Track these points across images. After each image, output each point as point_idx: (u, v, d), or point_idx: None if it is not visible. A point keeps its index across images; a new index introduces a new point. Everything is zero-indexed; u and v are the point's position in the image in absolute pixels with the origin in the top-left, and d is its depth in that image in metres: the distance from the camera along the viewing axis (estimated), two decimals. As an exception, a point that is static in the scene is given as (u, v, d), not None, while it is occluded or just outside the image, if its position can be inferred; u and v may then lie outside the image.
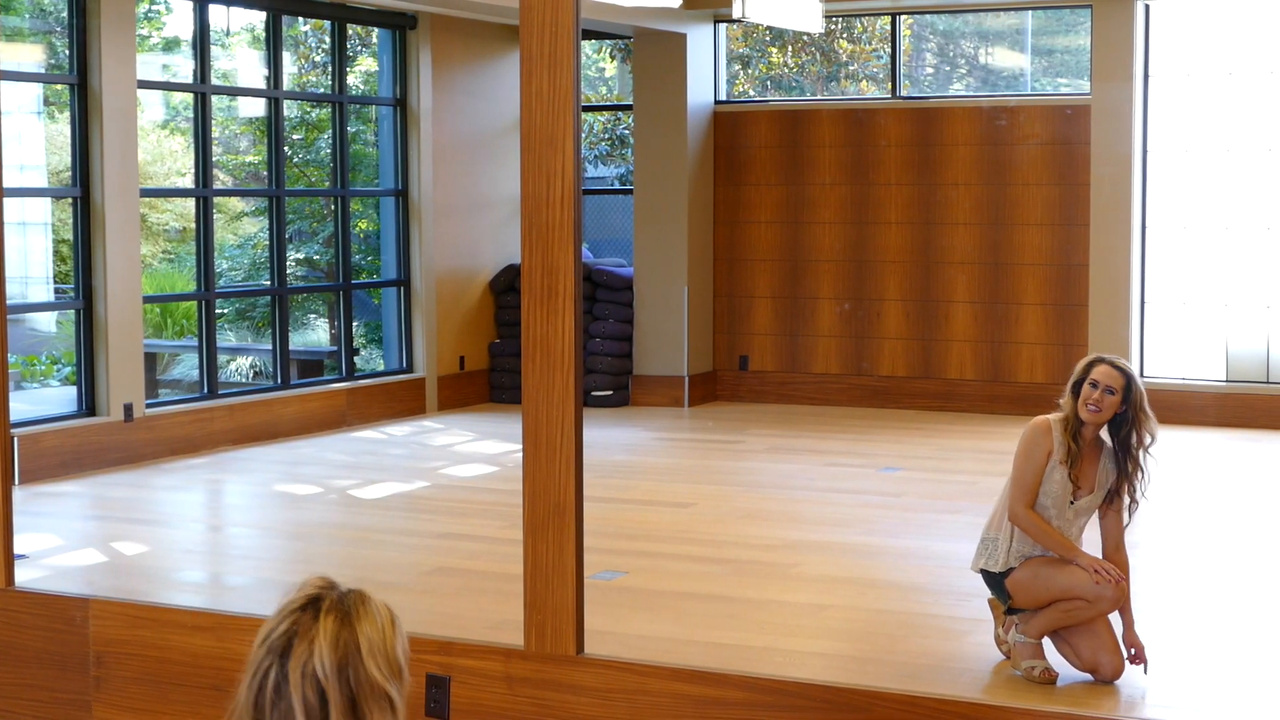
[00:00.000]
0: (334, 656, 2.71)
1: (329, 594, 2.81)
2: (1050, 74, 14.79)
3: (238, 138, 15.56)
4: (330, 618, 2.76)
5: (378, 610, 2.81)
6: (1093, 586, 5.94)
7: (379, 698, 2.71)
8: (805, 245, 14.29)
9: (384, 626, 2.79)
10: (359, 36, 14.59)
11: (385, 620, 2.80)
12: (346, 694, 2.69)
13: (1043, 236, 13.55)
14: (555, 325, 5.24)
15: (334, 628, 2.75)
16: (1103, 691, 5.96)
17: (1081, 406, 6.03)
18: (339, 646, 2.72)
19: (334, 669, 2.70)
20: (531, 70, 5.23)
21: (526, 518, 5.33)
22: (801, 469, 11.20)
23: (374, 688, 2.71)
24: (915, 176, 13.93)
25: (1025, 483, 6.05)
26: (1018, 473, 6.07)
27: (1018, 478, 6.06)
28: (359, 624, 2.76)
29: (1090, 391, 6.02)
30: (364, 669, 2.71)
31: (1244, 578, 8.01)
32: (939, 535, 8.87)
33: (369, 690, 2.71)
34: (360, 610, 2.79)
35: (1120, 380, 6.01)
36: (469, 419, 13.56)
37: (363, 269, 14.61)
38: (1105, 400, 6.00)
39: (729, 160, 14.55)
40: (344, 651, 2.72)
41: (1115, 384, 6.01)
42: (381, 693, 2.72)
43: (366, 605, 2.81)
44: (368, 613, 2.79)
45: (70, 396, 11.56)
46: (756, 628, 6.95)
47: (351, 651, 2.72)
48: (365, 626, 2.76)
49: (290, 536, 9.18)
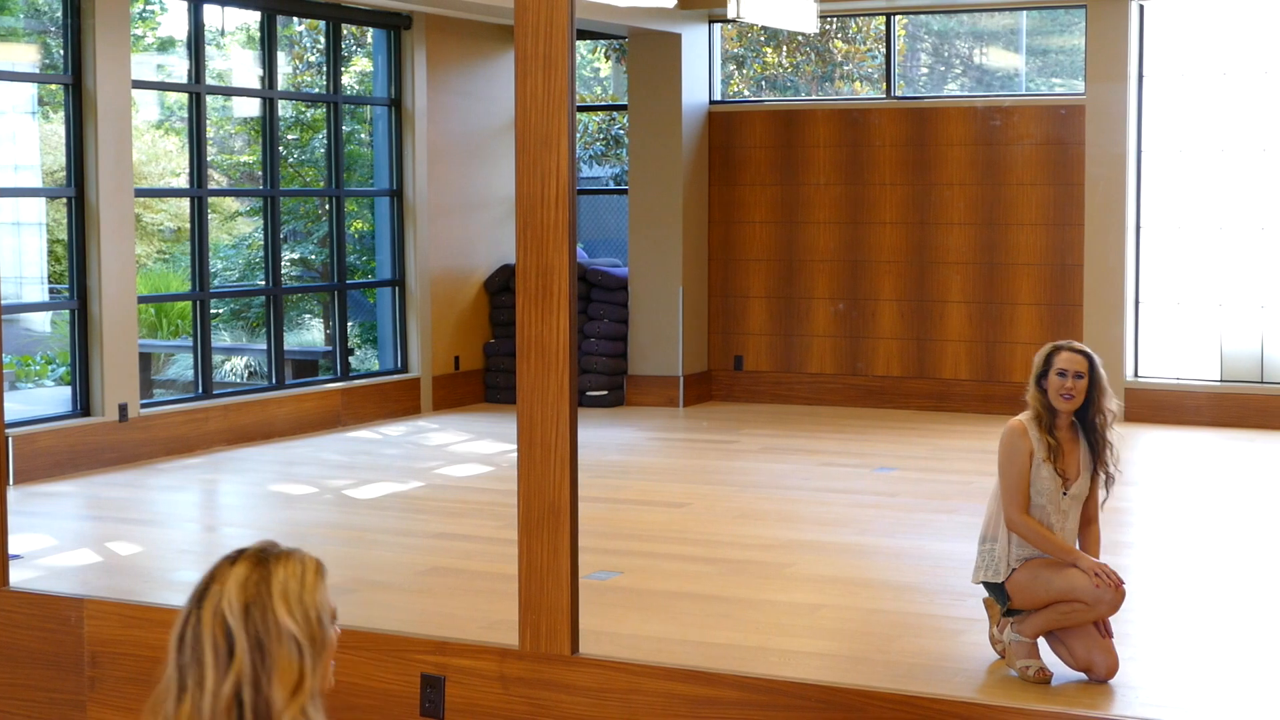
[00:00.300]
0: (242, 597, 2.70)
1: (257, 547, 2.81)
2: (1045, 74, 14.80)
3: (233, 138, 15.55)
4: (247, 562, 2.76)
5: (301, 560, 2.78)
6: (1092, 590, 5.94)
7: (286, 640, 2.69)
8: (800, 245, 14.30)
9: (304, 574, 2.76)
10: (354, 36, 14.59)
11: (308, 569, 2.77)
12: (254, 633, 2.68)
13: (1037, 236, 13.56)
14: (550, 325, 5.24)
15: (246, 570, 2.74)
16: (1097, 691, 5.96)
17: (1055, 397, 6.07)
18: (248, 587, 2.71)
19: (240, 609, 2.69)
20: (526, 70, 5.23)
21: (521, 518, 5.33)
22: (796, 469, 11.20)
23: (280, 630, 2.69)
24: (910, 176, 13.95)
25: (1016, 490, 6.06)
26: (1006, 481, 6.07)
27: (1007, 486, 6.07)
28: (274, 568, 2.75)
29: (1060, 381, 6.06)
30: (272, 610, 2.69)
31: (1238, 577, 8.02)
32: (934, 535, 8.88)
33: (276, 631, 2.69)
34: (281, 557, 2.77)
35: (1084, 363, 6.09)
36: (464, 419, 13.56)
37: (357, 269, 14.61)
38: (1077, 386, 6.06)
39: (724, 160, 14.56)
40: (253, 592, 2.71)
41: (1081, 367, 6.08)
42: (290, 636, 2.69)
43: (290, 555, 2.78)
44: (288, 559, 2.77)
45: (65, 396, 11.55)
46: (751, 627, 6.95)
47: (261, 592, 2.70)
48: (280, 571, 2.74)
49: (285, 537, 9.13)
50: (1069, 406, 6.08)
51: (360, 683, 5.65)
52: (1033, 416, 6.13)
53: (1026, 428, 6.12)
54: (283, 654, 2.68)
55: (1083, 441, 6.17)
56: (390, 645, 5.65)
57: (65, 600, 6.20)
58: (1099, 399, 6.12)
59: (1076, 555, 6.01)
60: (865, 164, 14.08)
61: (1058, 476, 6.08)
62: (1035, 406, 6.13)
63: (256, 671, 2.67)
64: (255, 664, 2.67)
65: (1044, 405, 6.11)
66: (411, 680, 5.57)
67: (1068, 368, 6.07)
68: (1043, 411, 6.11)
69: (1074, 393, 6.06)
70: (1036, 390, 6.13)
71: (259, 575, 2.72)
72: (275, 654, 2.68)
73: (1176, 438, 12.49)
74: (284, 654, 2.68)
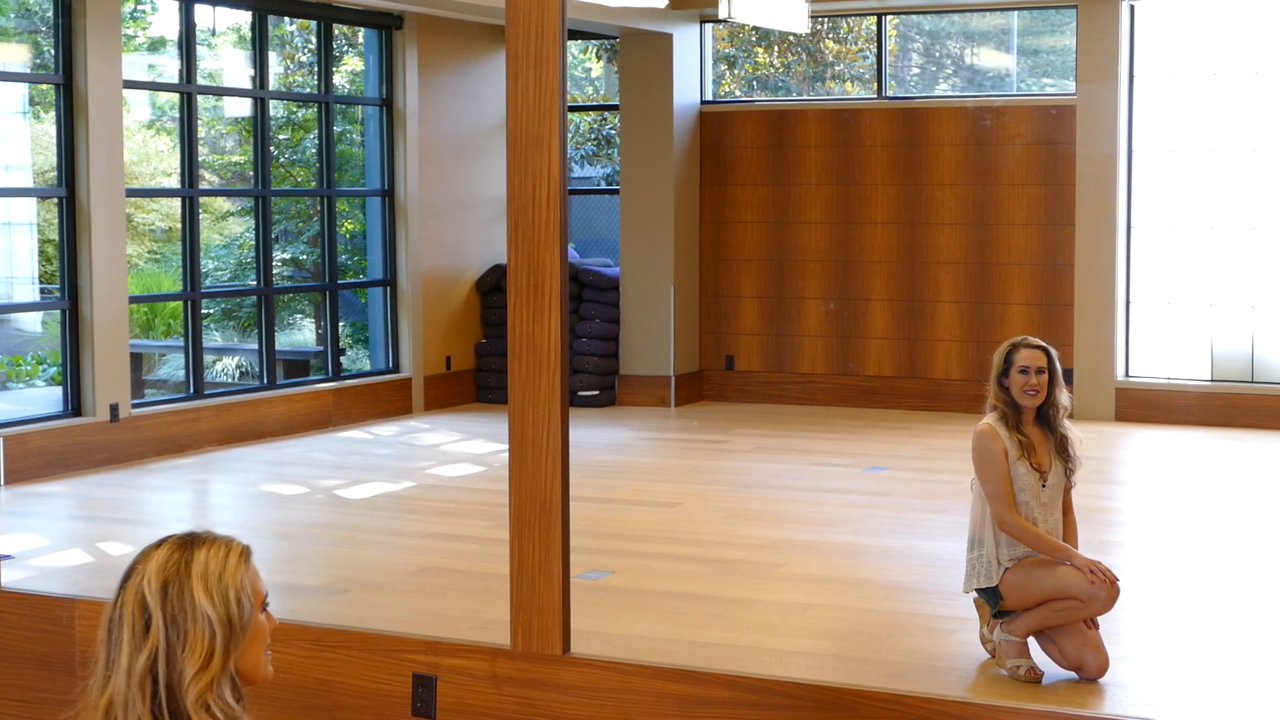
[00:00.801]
0: (161, 576, 2.73)
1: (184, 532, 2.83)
2: (1036, 74, 14.82)
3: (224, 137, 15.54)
4: (169, 545, 2.79)
5: (227, 544, 2.80)
6: (1087, 586, 5.95)
7: (201, 620, 2.71)
8: (791, 245, 14.31)
9: (226, 557, 2.78)
10: (345, 36, 14.58)
11: (231, 552, 2.79)
12: (168, 613, 2.71)
13: (1028, 236, 13.58)
14: (541, 325, 5.25)
15: (167, 553, 2.77)
16: (1087, 690, 5.97)
17: (1021, 395, 6.13)
18: (168, 568, 2.74)
19: (159, 588, 2.72)
20: (517, 70, 5.24)
21: (513, 517, 5.34)
22: (787, 469, 11.21)
23: (196, 609, 2.71)
24: (901, 176, 13.96)
25: (1001, 491, 6.08)
26: (990, 485, 6.09)
27: (992, 491, 6.08)
28: (197, 550, 2.77)
29: (1024, 378, 6.12)
30: (189, 590, 2.72)
31: (1227, 577, 8.04)
32: (925, 534, 8.89)
33: (191, 611, 2.71)
34: (206, 541, 2.80)
35: (1044, 358, 6.18)
36: (455, 419, 13.56)
37: (349, 269, 14.60)
38: (1040, 381, 6.14)
39: (715, 160, 14.57)
40: (172, 572, 2.73)
41: (1042, 363, 6.16)
42: (204, 615, 2.71)
43: (214, 540, 2.80)
44: (213, 543, 2.79)
45: (56, 397, 11.54)
46: (742, 627, 6.96)
47: (181, 573, 2.73)
48: (203, 553, 2.77)
49: (276, 537, 9.18)
50: (1034, 402, 6.14)
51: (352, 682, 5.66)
52: (999, 417, 6.16)
53: (995, 429, 6.14)
54: (196, 632, 2.71)
55: (1048, 435, 6.21)
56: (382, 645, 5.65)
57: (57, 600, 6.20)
58: (1054, 392, 6.17)
59: (1070, 553, 6.03)
60: (856, 164, 14.10)
61: (1034, 471, 6.11)
62: (1000, 406, 6.17)
63: (171, 647, 2.70)
64: (170, 640, 2.70)
65: (1009, 403, 6.16)
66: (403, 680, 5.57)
67: (1030, 364, 6.13)
68: (1008, 410, 6.15)
69: (1038, 388, 6.13)
70: (999, 389, 6.18)
71: (180, 557, 2.76)
72: (189, 632, 2.71)
73: (1167, 437, 12.51)
74: (197, 632, 2.71)
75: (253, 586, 2.81)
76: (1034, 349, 6.17)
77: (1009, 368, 6.16)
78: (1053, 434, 6.20)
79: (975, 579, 6.18)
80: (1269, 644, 6.70)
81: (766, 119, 14.43)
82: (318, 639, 5.77)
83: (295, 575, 8.08)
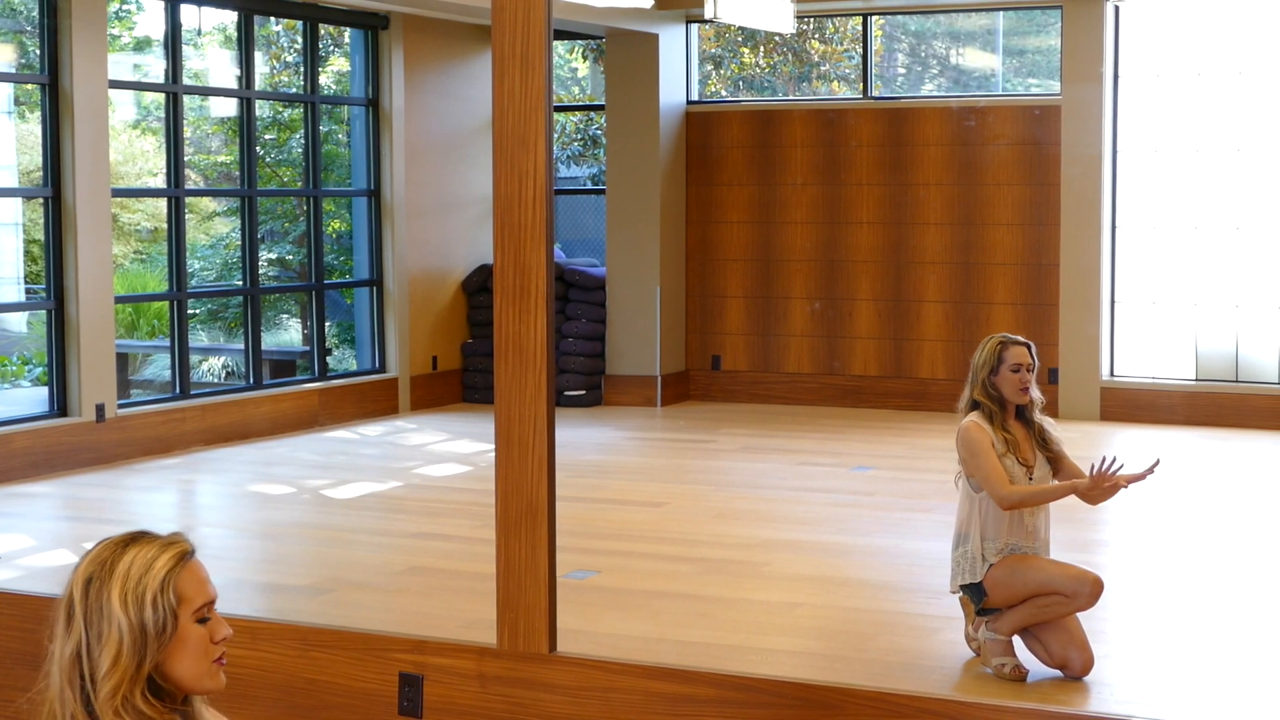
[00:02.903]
0: (86, 572, 2.73)
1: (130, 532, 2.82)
2: (1021, 74, 14.85)
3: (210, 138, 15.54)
4: (107, 542, 2.78)
5: (162, 545, 2.78)
6: (1070, 582, 5.98)
7: (113, 623, 2.70)
8: (777, 245, 14.33)
9: (154, 560, 2.75)
10: (331, 36, 14.58)
11: (163, 555, 2.76)
12: (86, 608, 2.71)
13: (1013, 236, 13.61)
14: (528, 325, 5.26)
15: (101, 549, 2.76)
16: (1072, 687, 5.99)
17: (1014, 392, 6.16)
18: (94, 564, 2.74)
19: (83, 582, 2.73)
20: (504, 70, 5.25)
21: (499, 517, 5.35)
22: (773, 468, 11.23)
23: (109, 612, 2.70)
24: (886, 176, 13.98)
25: (994, 472, 6.07)
26: (983, 470, 6.08)
27: (986, 474, 6.08)
28: (128, 550, 2.75)
29: (1018, 376, 6.15)
30: (106, 590, 2.71)
31: (1212, 576, 8.06)
32: (910, 534, 8.91)
33: (105, 612, 2.70)
34: (142, 541, 2.77)
35: (1029, 355, 6.21)
36: (442, 419, 13.56)
37: (335, 269, 14.60)
38: (1029, 377, 6.19)
39: (701, 160, 14.58)
40: (96, 569, 2.73)
41: (1030, 359, 6.22)
42: (115, 620, 2.70)
43: (153, 540, 2.78)
44: (147, 545, 2.77)
45: (42, 397, 11.53)
46: (728, 626, 6.97)
47: (104, 571, 2.72)
48: (131, 554, 2.75)
49: (263, 537, 9.18)
50: (1026, 398, 6.17)
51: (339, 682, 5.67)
52: (984, 414, 6.18)
53: (980, 424, 6.16)
54: (110, 634, 2.70)
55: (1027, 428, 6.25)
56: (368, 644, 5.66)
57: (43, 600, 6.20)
58: None
59: (1074, 483, 6.05)
60: (842, 164, 14.12)
61: (1021, 465, 6.14)
62: (986, 404, 6.18)
63: (90, 644, 2.70)
64: (89, 637, 2.70)
65: (996, 400, 6.18)
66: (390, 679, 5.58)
67: (1021, 362, 6.18)
68: (995, 408, 6.17)
69: (1029, 384, 6.18)
70: (987, 386, 6.19)
71: (110, 555, 2.74)
72: (103, 632, 2.71)
73: (1151, 436, 12.55)
74: (111, 634, 2.71)
75: (186, 592, 2.76)
76: (1022, 346, 6.22)
77: (999, 365, 6.18)
78: (1030, 427, 6.24)
79: (960, 575, 6.20)
80: (1253, 642, 6.72)
81: (752, 119, 14.45)
82: (304, 638, 5.78)
83: (282, 575, 8.08)
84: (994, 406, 6.19)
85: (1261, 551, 8.45)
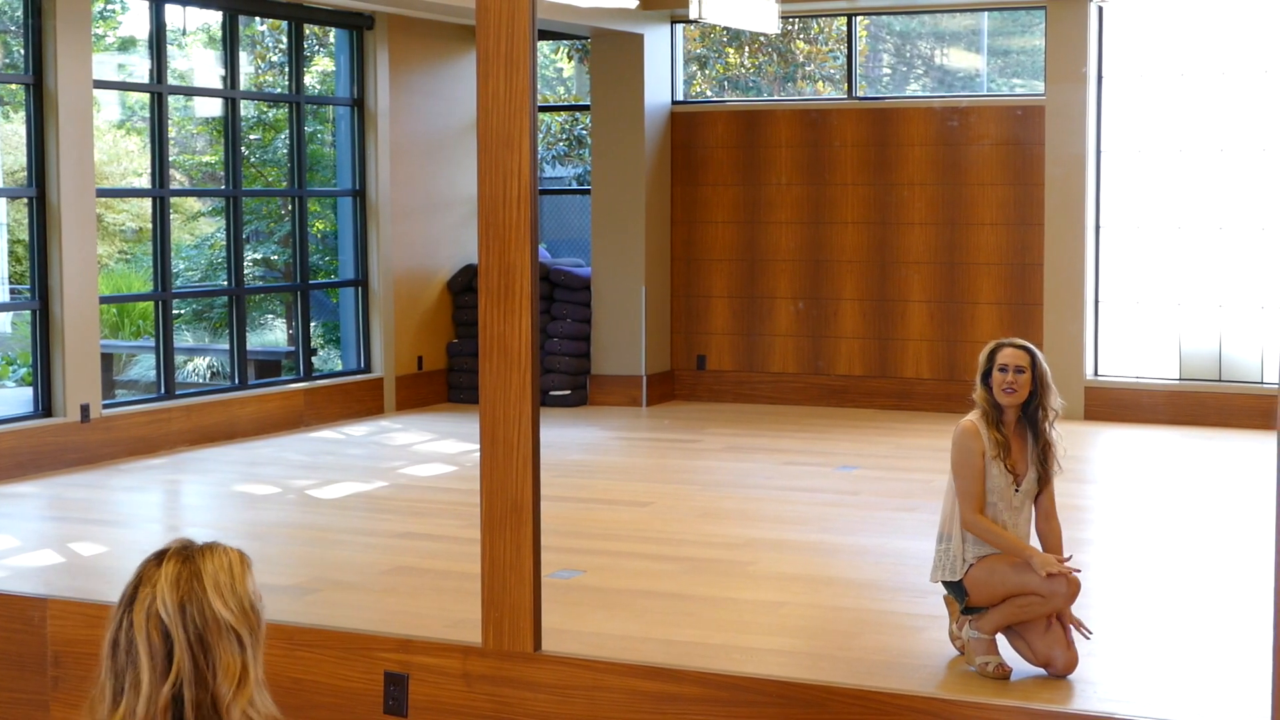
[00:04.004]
0: (175, 595, 2.70)
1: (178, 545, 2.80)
2: (1006, 75, 14.89)
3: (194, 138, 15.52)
4: (173, 561, 2.75)
5: (225, 552, 2.78)
6: (1045, 582, 6.01)
7: (226, 633, 2.69)
8: (762, 245, 14.35)
9: (231, 565, 2.77)
10: (316, 36, 14.58)
11: (234, 560, 2.78)
12: (192, 630, 2.68)
13: (998, 236, 13.64)
14: (512, 325, 5.27)
15: (175, 569, 2.73)
16: (1055, 686, 6.02)
17: (998, 392, 6.18)
18: (180, 585, 2.70)
19: (176, 607, 2.69)
20: (488, 71, 5.26)
21: (484, 517, 5.36)
22: (758, 468, 11.25)
23: (219, 623, 2.69)
24: (871, 176, 14.01)
25: (970, 491, 6.13)
26: (961, 483, 6.14)
27: (962, 488, 6.14)
28: (203, 563, 2.74)
29: (1002, 376, 6.17)
30: (208, 605, 2.70)
31: (1195, 574, 8.09)
32: (895, 533, 8.93)
33: (215, 625, 2.69)
34: (205, 552, 2.77)
35: (1026, 358, 6.21)
36: (427, 419, 13.56)
37: (320, 269, 14.60)
38: (1018, 380, 6.18)
39: (686, 160, 14.60)
40: (186, 589, 2.70)
41: (1023, 362, 6.20)
42: (229, 628, 2.69)
43: (214, 549, 2.78)
44: (213, 553, 2.77)
45: (26, 397, 11.52)
46: (713, 625, 6.99)
47: (195, 588, 2.70)
48: (209, 565, 2.74)
49: (248, 537, 9.17)
50: (1012, 401, 6.19)
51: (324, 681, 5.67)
52: (981, 415, 6.22)
53: (978, 428, 6.19)
54: (224, 647, 2.69)
55: (1030, 439, 6.26)
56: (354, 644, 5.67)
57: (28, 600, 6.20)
58: (1042, 395, 6.23)
59: (1030, 553, 6.08)
60: (827, 164, 14.14)
61: (1008, 473, 6.16)
62: (982, 405, 6.23)
63: (199, 668, 2.67)
64: (197, 661, 2.67)
65: (990, 402, 6.21)
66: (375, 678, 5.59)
67: (1009, 363, 6.19)
68: (989, 409, 6.21)
69: (1015, 386, 6.17)
70: (983, 388, 6.24)
71: (189, 571, 2.72)
72: (216, 649, 2.68)
73: (1135, 436, 12.58)
74: (225, 647, 2.69)
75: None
76: (1016, 348, 6.23)
77: (991, 367, 6.22)
78: (1036, 439, 6.24)
79: (940, 571, 6.23)
80: (1235, 640, 6.75)
81: (737, 119, 14.46)
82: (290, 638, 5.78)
83: (268, 575, 8.05)
84: (988, 408, 6.22)
85: (1244, 550, 8.47)
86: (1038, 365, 6.23)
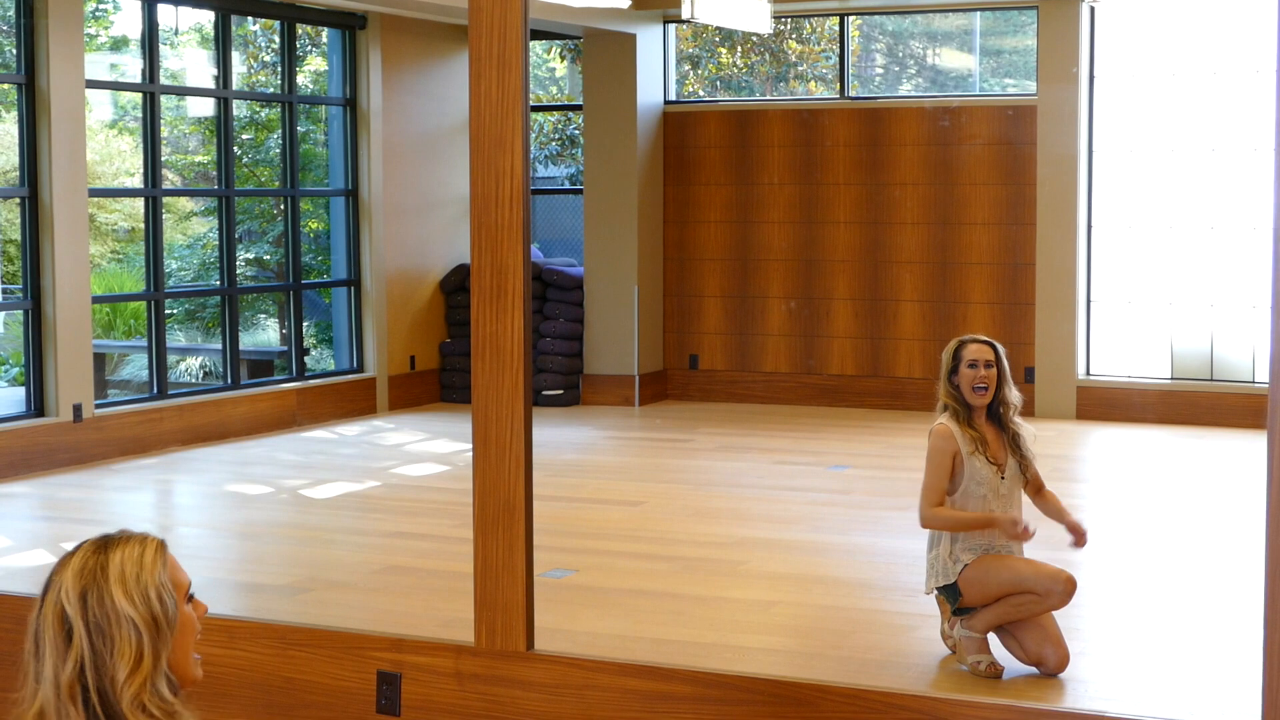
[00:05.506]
0: (78, 585, 2.70)
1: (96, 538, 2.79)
2: (998, 74, 14.90)
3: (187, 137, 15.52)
4: (84, 550, 2.75)
5: (141, 542, 2.77)
6: (1042, 581, 6.01)
7: (124, 623, 2.69)
8: (755, 244, 14.36)
9: (141, 556, 2.75)
10: (308, 36, 14.57)
11: (147, 549, 2.77)
12: (90, 620, 2.68)
13: (990, 236, 13.66)
14: (505, 324, 5.27)
15: (82, 560, 2.73)
16: (1047, 684, 6.03)
17: (969, 391, 6.19)
18: (83, 575, 2.71)
19: (78, 596, 2.69)
20: (480, 71, 5.26)
21: (476, 516, 5.36)
22: (751, 467, 11.26)
23: (118, 613, 2.69)
24: (863, 176, 14.02)
25: (931, 487, 6.17)
26: (926, 479, 6.18)
27: (926, 485, 6.17)
28: (111, 554, 2.74)
29: (972, 372, 6.18)
30: (108, 594, 2.69)
31: (1186, 573, 8.11)
32: (886, 532, 8.94)
33: (114, 616, 2.69)
34: (120, 541, 2.76)
35: (991, 352, 6.25)
36: (420, 418, 13.57)
37: (313, 269, 14.60)
38: (989, 375, 6.21)
39: (679, 160, 14.61)
40: (89, 579, 2.70)
41: (989, 357, 6.23)
42: (127, 619, 2.69)
43: (129, 539, 2.77)
44: (127, 543, 2.76)
45: (19, 397, 11.52)
46: (705, 624, 7.00)
47: (98, 579, 2.70)
48: (117, 556, 2.74)
49: (241, 536, 9.18)
50: (983, 400, 6.20)
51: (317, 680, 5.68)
52: (952, 416, 6.22)
53: (950, 429, 6.20)
54: (122, 636, 2.69)
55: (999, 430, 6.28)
56: (346, 643, 5.67)
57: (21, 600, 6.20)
58: (1002, 388, 6.24)
59: (991, 516, 6.10)
60: (819, 164, 14.15)
61: (991, 465, 6.17)
62: (952, 404, 6.23)
63: (97, 654, 2.68)
64: (96, 647, 2.67)
65: (959, 400, 6.22)
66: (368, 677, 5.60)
67: (978, 358, 6.20)
68: (959, 407, 6.21)
69: (986, 382, 6.19)
70: (949, 387, 6.24)
71: (96, 562, 2.72)
72: (114, 637, 2.68)
73: (1127, 435, 12.60)
74: (123, 635, 2.69)
75: (176, 578, 2.79)
76: (980, 344, 6.24)
77: (958, 364, 6.22)
78: (1005, 431, 6.27)
79: (934, 578, 6.24)
80: (1226, 638, 6.76)
81: (730, 119, 14.47)
82: (282, 637, 5.79)
83: (260, 574, 8.09)
84: (958, 406, 6.23)
85: (1235, 549, 8.49)
86: (1001, 360, 6.25)
